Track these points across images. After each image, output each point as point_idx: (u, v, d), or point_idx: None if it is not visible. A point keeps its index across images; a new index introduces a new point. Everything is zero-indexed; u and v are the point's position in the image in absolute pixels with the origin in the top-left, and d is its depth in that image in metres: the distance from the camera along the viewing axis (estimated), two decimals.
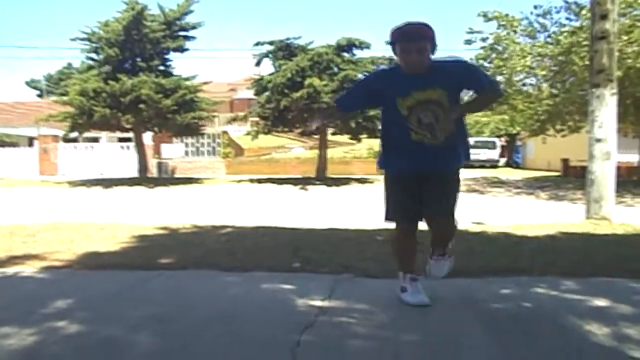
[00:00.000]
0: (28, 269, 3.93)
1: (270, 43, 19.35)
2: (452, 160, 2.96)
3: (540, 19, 15.42)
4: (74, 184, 18.65)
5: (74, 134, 20.21)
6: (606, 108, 7.00)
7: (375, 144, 25.01)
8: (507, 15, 15.20)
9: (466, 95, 3.40)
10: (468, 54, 25.46)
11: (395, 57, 2.91)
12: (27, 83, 52.90)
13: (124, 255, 4.42)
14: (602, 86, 7.01)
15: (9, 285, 3.52)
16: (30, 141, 27.40)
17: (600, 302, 2.99)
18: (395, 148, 2.99)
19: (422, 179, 2.91)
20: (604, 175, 6.99)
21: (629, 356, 2.26)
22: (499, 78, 16.46)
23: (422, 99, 2.81)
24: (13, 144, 27.19)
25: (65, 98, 18.52)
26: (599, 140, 7.02)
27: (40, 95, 40.27)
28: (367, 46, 19.65)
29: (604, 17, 7.04)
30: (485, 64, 16.54)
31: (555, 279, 3.51)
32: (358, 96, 3.19)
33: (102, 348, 2.34)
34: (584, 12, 13.27)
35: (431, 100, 2.81)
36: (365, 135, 20.12)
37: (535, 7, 15.24)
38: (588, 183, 7.16)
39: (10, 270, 3.91)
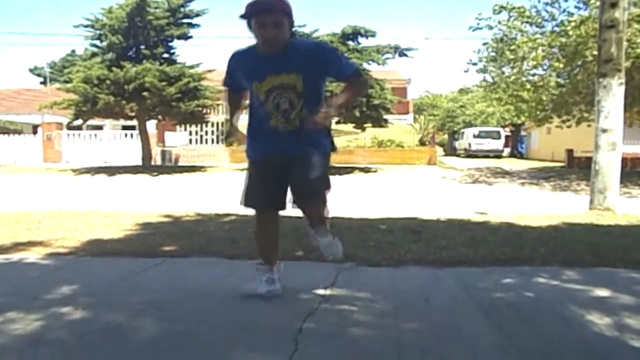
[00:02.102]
0: (32, 256, 3.96)
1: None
2: (310, 145, 2.72)
3: (549, 8, 15.31)
4: (78, 171, 18.72)
5: (78, 122, 20.23)
6: (613, 98, 6.95)
7: (380, 133, 25.00)
8: (519, 7, 15.09)
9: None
10: (475, 44, 25.31)
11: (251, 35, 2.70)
12: (31, 70, 52.87)
13: (128, 242, 4.45)
14: (610, 76, 6.96)
15: (14, 271, 3.55)
16: (34, 129, 27.43)
17: (602, 292, 2.99)
18: (255, 133, 2.87)
19: (283, 166, 2.74)
20: (609, 165, 6.97)
21: (629, 346, 2.26)
22: (509, 70, 16.39)
23: (276, 83, 2.68)
24: (17, 132, 27.20)
25: (68, 85, 18.52)
26: (604, 131, 6.99)
27: (43, 83, 40.23)
28: (373, 34, 19.55)
29: (614, 5, 6.97)
30: (493, 55, 16.47)
31: (557, 269, 3.51)
32: (231, 78, 2.97)
33: (106, 334, 2.36)
34: (592, 1, 13.15)
35: (285, 85, 2.67)
36: (369, 125, 20.06)
37: None
38: (593, 173, 7.14)
39: (15, 256, 3.94)
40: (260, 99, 2.74)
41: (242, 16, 2.62)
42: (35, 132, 26.35)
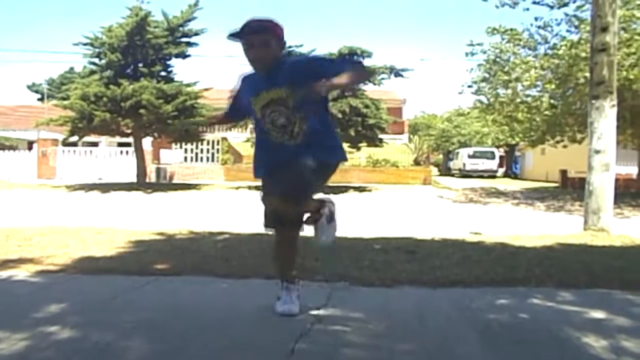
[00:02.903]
0: (22, 273, 3.90)
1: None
2: (312, 154, 2.67)
3: (541, 31, 15.53)
4: (71, 188, 18.63)
5: (74, 138, 20.20)
6: (605, 120, 7.01)
7: (375, 152, 25.06)
8: (511, 29, 15.33)
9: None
10: (470, 65, 25.61)
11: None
12: (29, 87, 52.95)
13: (120, 260, 4.40)
14: (602, 98, 7.03)
15: (2, 289, 3.50)
16: (30, 145, 27.38)
17: (598, 314, 2.97)
18: (261, 152, 2.91)
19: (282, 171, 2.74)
20: (602, 186, 6.99)
21: None
22: (504, 91, 16.58)
23: (269, 99, 2.72)
24: (12, 147, 27.13)
25: (65, 102, 18.52)
26: (598, 152, 7.03)
27: (41, 99, 40.27)
28: (369, 55, 19.73)
29: (605, 29, 7.07)
30: (487, 76, 16.67)
31: (552, 290, 3.49)
32: (233, 102, 3.06)
33: (95, 354, 2.32)
34: (583, 25, 13.35)
35: (276, 100, 2.70)
36: (364, 144, 20.12)
37: (536, 19, 15.37)
38: (587, 194, 7.16)
39: (4, 273, 3.89)
40: (257, 116, 2.79)
41: (231, 37, 2.68)
42: (30, 148, 26.28)
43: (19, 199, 14.37)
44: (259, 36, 2.64)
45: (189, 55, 20.02)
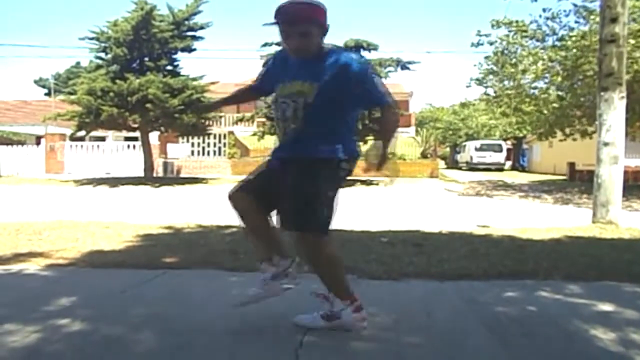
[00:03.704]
0: (33, 267, 3.94)
1: (278, 44, 19.24)
2: (316, 147, 2.46)
3: (549, 22, 15.41)
4: (79, 182, 18.73)
5: (81, 133, 20.29)
6: (614, 112, 6.96)
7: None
8: (517, 21, 15.22)
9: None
10: (477, 57, 25.49)
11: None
12: (36, 82, 53.27)
13: (129, 254, 4.43)
14: (611, 90, 6.97)
15: (13, 282, 3.53)
16: (38, 139, 27.54)
17: (606, 307, 2.96)
18: (276, 140, 2.69)
19: (279, 172, 2.53)
20: (611, 179, 6.95)
21: None
22: (510, 83, 16.48)
23: (292, 90, 2.49)
24: (20, 142, 27.31)
25: (73, 97, 18.58)
26: (606, 144, 6.98)
27: (48, 94, 40.46)
28: (375, 48, 19.64)
29: (614, 20, 7.00)
30: (495, 69, 16.58)
31: (560, 283, 3.48)
32: (262, 76, 2.82)
33: (105, 346, 2.34)
34: (592, 16, 13.23)
35: (296, 93, 2.47)
36: (371, 137, 20.06)
37: (544, 10, 15.24)
38: (595, 187, 7.12)
39: (15, 267, 3.93)
40: (278, 103, 2.57)
41: (269, 24, 2.44)
42: (38, 143, 26.44)
43: (28, 194, 14.46)
44: (297, 27, 2.39)
45: (194, 49, 20.02)
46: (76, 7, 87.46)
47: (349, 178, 2.73)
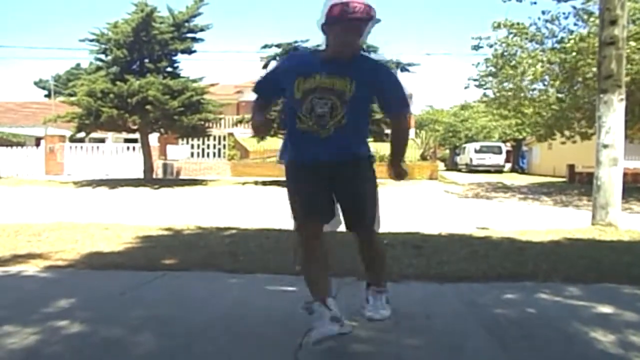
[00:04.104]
0: (32, 268, 3.94)
1: (278, 46, 19.37)
2: (352, 147, 2.56)
3: (549, 25, 15.43)
4: (79, 184, 18.72)
5: (81, 135, 20.29)
6: (614, 114, 6.96)
7: (381, 147, 24.98)
8: (517, 23, 15.24)
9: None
10: (476, 59, 25.48)
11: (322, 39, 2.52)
12: (36, 83, 53.26)
13: (128, 255, 4.42)
14: (610, 92, 6.98)
15: (12, 284, 3.53)
16: (38, 141, 27.54)
17: (606, 309, 2.96)
18: (289, 137, 2.64)
19: (324, 173, 2.52)
20: (610, 181, 6.95)
21: None
22: (509, 85, 16.50)
23: (324, 85, 2.46)
24: (20, 144, 27.31)
25: (73, 98, 18.60)
26: (606, 146, 6.99)
27: (48, 96, 40.48)
28: (374, 50, 19.62)
29: (613, 22, 7.01)
30: (494, 70, 16.59)
31: (560, 285, 3.48)
32: (272, 78, 2.76)
33: (104, 349, 2.34)
34: (592, 18, 13.25)
35: (333, 89, 2.46)
36: (371, 139, 20.07)
37: (544, 12, 15.26)
38: (595, 189, 7.12)
39: (13, 269, 3.92)
40: (296, 98, 2.50)
41: (326, 22, 2.43)
42: (38, 145, 26.44)
43: (28, 195, 14.45)
44: (365, 24, 2.44)
45: (194, 51, 20.04)
46: (76, 9, 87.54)
47: None
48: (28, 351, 2.27)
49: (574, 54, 13.74)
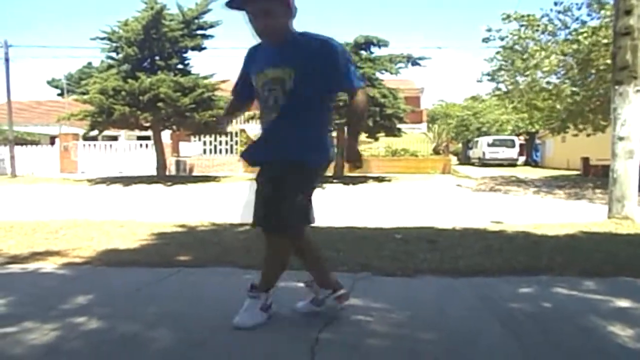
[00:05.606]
0: (49, 265, 3.99)
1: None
2: (288, 151, 2.46)
3: (561, 16, 15.25)
4: (93, 181, 18.89)
5: (94, 133, 20.46)
6: (629, 106, 6.88)
7: (394, 142, 24.92)
8: (528, 15, 15.08)
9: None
10: (488, 52, 25.30)
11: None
12: (48, 82, 53.66)
13: (143, 252, 4.46)
14: (626, 83, 6.89)
15: (30, 280, 3.57)
16: (52, 139, 27.82)
17: (623, 303, 2.94)
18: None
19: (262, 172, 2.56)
20: (626, 174, 6.88)
21: None
22: (522, 79, 16.33)
23: (270, 77, 2.45)
24: (35, 142, 27.63)
25: (85, 97, 18.74)
26: (621, 139, 6.91)
27: (61, 94, 40.80)
28: (385, 44, 19.56)
29: (628, 12, 6.92)
30: (505, 64, 16.45)
31: (576, 279, 3.46)
32: (241, 79, 2.73)
33: (121, 344, 2.36)
34: (606, 9, 13.07)
35: (276, 79, 2.44)
36: (382, 134, 20.03)
37: (556, 3, 15.08)
38: (610, 182, 7.05)
39: (31, 266, 3.98)
40: (259, 94, 2.55)
41: (229, 5, 2.42)
42: (52, 143, 26.71)
43: (44, 193, 14.62)
44: (258, 4, 2.36)
45: (204, 48, 20.08)
46: (87, 8, 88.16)
47: (361, 175, 2.73)
48: (48, 347, 2.31)
49: (587, 42, 13.56)
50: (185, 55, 19.96)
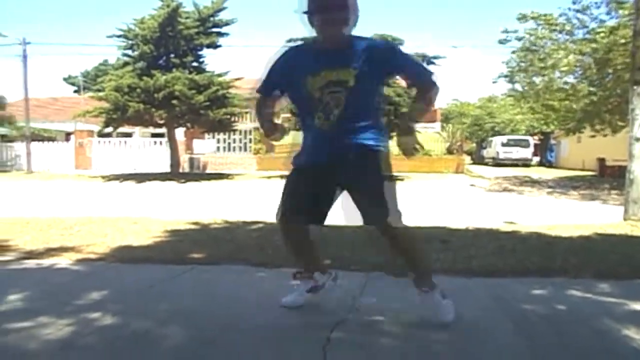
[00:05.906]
0: (64, 261, 4.03)
1: (302, 39, 19.38)
2: (360, 141, 2.51)
3: (579, 15, 15.07)
4: (107, 178, 19.07)
5: (109, 129, 20.65)
6: None
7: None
8: (545, 15, 14.94)
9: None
10: (503, 54, 25.13)
11: (309, 29, 2.54)
12: (65, 79, 54.19)
13: (156, 249, 4.49)
14: None
15: (45, 276, 3.61)
16: (68, 136, 28.12)
17: (639, 306, 2.90)
18: (306, 137, 2.63)
19: (329, 172, 2.54)
20: None
21: None
22: (539, 79, 16.19)
23: (331, 79, 2.46)
24: (51, 139, 27.94)
25: (101, 94, 18.95)
26: (639, 140, 6.82)
27: (77, 91, 41.19)
28: (400, 43, 19.50)
29: None
30: (522, 65, 16.31)
31: (591, 281, 3.41)
32: (275, 76, 2.68)
33: (134, 340, 2.38)
34: (623, 9, 12.89)
35: (338, 81, 2.46)
36: (395, 133, 19.96)
37: (574, 2, 14.90)
38: (627, 183, 6.97)
39: (46, 261, 4.02)
40: (313, 96, 2.51)
41: (306, 12, 2.48)
42: (68, 140, 27.00)
43: (59, 189, 14.78)
44: (340, 13, 2.41)
45: (219, 46, 20.17)
46: (103, 5, 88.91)
47: None
48: (63, 342, 2.33)
49: (604, 42, 13.39)
50: (200, 52, 20.08)
